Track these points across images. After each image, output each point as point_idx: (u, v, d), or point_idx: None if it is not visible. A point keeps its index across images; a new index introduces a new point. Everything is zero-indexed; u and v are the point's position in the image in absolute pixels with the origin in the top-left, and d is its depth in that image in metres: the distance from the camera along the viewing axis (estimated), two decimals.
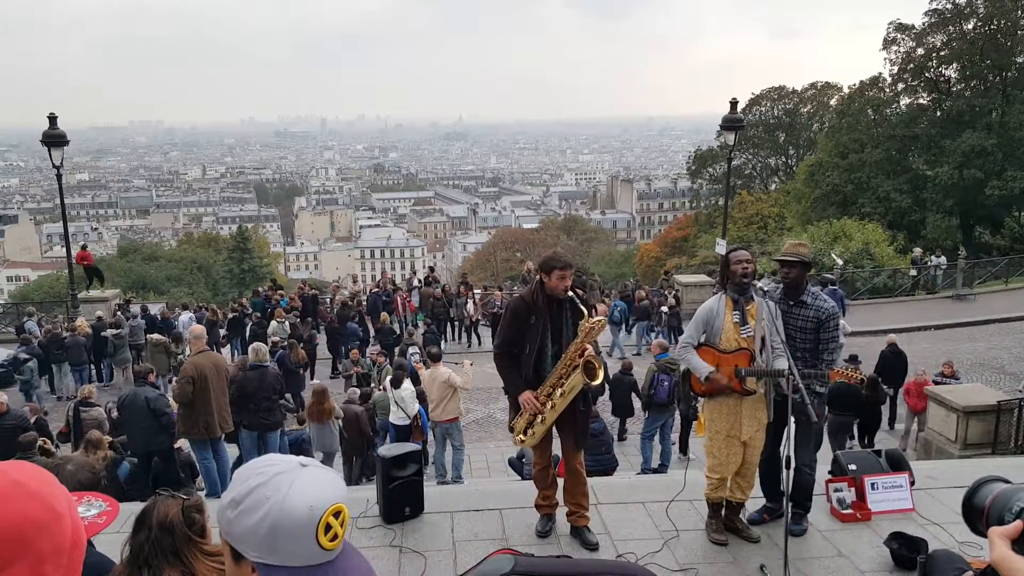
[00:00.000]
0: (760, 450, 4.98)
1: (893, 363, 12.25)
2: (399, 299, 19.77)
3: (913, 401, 11.50)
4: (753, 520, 5.26)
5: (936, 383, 11.30)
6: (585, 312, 4.71)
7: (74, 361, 15.59)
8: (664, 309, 18.52)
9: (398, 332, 18.02)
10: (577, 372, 4.66)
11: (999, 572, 1.31)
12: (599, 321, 4.76)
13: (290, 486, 1.35)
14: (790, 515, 5.08)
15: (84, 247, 22.98)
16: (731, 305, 4.83)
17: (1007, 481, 1.53)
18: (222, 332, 18.05)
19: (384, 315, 17.80)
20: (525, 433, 4.90)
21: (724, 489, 4.98)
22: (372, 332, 18.12)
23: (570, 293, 4.74)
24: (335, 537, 1.36)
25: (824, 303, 4.96)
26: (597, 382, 4.70)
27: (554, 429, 5.03)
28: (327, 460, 10.03)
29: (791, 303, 4.95)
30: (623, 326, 18.26)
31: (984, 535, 1.43)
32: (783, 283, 5.01)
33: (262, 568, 1.37)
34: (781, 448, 4.55)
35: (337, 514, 1.36)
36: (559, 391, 4.74)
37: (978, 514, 1.49)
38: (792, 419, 4.39)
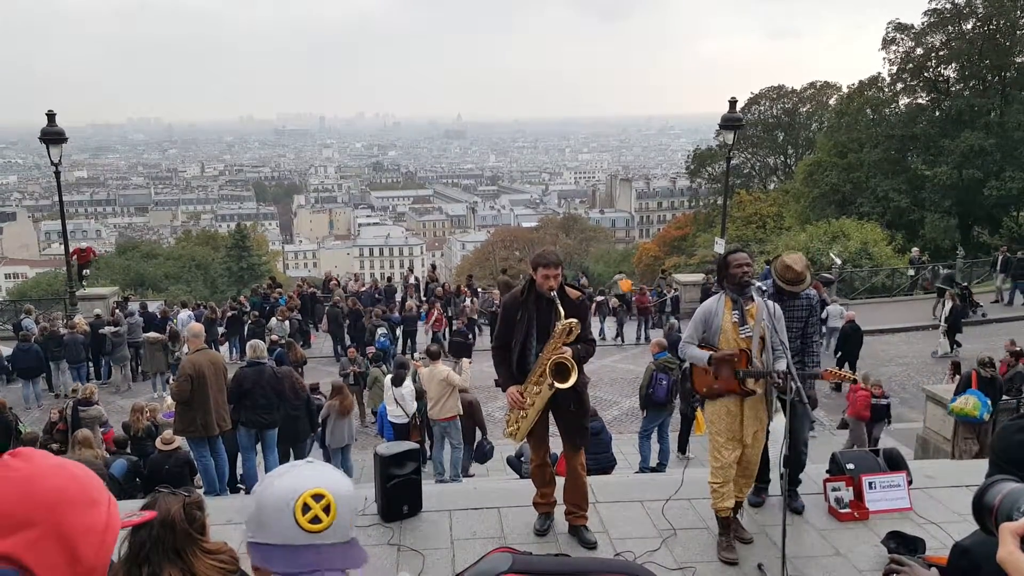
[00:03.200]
0: (760, 450, 5.01)
1: (852, 338, 14.41)
2: (435, 314, 18.32)
3: (855, 409, 10.60)
4: (752, 503, 5.39)
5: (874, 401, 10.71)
6: (562, 313, 4.61)
7: (72, 359, 15.57)
8: (600, 298, 19.06)
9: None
10: (546, 377, 4.62)
11: (1005, 569, 1.33)
12: (572, 322, 4.62)
13: (282, 475, 1.50)
14: (788, 496, 5.10)
15: (88, 248, 23.00)
16: (730, 305, 4.84)
17: (1017, 480, 1.55)
18: (220, 330, 18.06)
19: (409, 303, 18.22)
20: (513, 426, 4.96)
21: (730, 498, 4.87)
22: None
23: (553, 294, 4.64)
24: (316, 520, 1.40)
25: (810, 290, 5.36)
26: (566, 385, 4.58)
27: (552, 426, 5.02)
28: (343, 454, 10.06)
29: (784, 297, 5.18)
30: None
31: (992, 533, 1.45)
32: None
33: (253, 548, 1.47)
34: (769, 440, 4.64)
35: (318, 497, 1.41)
36: (530, 395, 4.75)
37: (987, 512, 1.52)
38: (782, 413, 4.48)
